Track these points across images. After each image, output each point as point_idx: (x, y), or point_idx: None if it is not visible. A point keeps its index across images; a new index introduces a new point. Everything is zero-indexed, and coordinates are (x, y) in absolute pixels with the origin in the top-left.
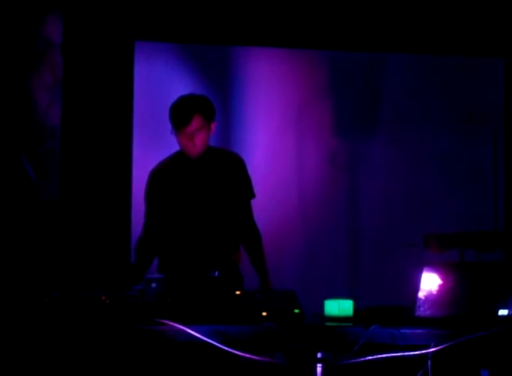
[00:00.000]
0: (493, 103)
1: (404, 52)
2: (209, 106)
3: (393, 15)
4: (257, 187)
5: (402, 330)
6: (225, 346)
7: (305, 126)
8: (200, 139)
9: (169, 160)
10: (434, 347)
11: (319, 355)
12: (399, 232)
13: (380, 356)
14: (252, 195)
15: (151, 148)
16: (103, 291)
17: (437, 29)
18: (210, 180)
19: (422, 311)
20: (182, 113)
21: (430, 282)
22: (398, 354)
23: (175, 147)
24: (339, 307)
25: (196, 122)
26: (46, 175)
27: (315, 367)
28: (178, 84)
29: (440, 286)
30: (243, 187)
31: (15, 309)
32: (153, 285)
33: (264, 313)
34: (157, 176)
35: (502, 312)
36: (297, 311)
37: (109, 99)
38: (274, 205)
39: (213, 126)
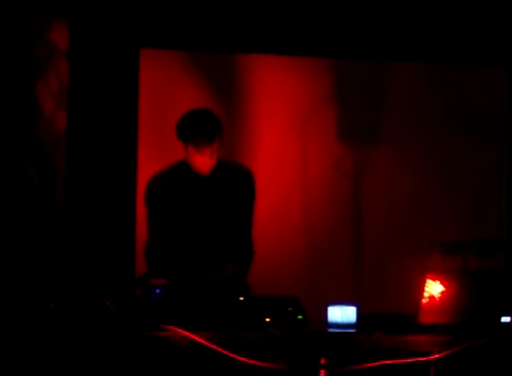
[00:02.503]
0: (496, 110)
1: (407, 61)
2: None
3: (397, 24)
4: (261, 194)
5: (405, 337)
6: (229, 352)
7: (310, 133)
8: (216, 156)
9: (173, 171)
10: (437, 354)
11: (322, 361)
12: (403, 238)
13: (383, 362)
14: (252, 209)
15: (156, 154)
16: (107, 295)
17: (439, 38)
18: (219, 197)
19: (425, 318)
20: (207, 132)
21: (433, 289)
22: (401, 360)
23: (180, 153)
24: (342, 313)
25: (218, 141)
26: (51, 180)
27: (319, 373)
28: (182, 91)
29: (443, 293)
30: (249, 203)
31: (19, 314)
32: (158, 290)
33: (267, 319)
34: (162, 187)
35: (505, 319)
36: (300, 317)
37: (114, 105)
38: (278, 212)
39: None
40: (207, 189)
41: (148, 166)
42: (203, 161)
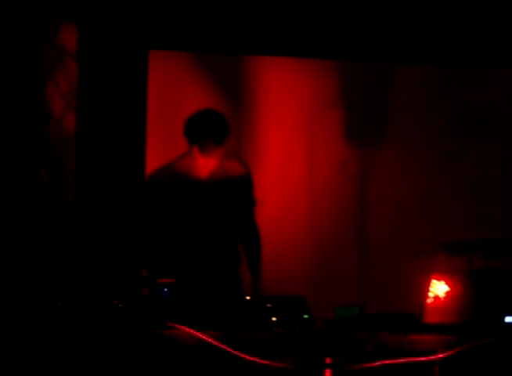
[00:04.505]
0: (500, 111)
1: (413, 63)
2: None
3: (402, 26)
4: (267, 195)
5: (410, 337)
6: (236, 351)
7: (316, 134)
8: (219, 159)
9: (174, 170)
10: (441, 353)
11: (327, 360)
12: (408, 239)
13: (388, 361)
14: (255, 202)
15: (164, 154)
16: (116, 294)
17: (445, 40)
18: (219, 193)
19: (430, 318)
20: (216, 137)
21: (438, 289)
22: (406, 360)
23: None
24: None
25: (224, 145)
26: (60, 180)
27: (324, 372)
28: (190, 92)
29: (448, 293)
30: (249, 197)
31: (28, 313)
32: (165, 289)
33: (273, 318)
34: (164, 185)
35: (510, 319)
36: (306, 316)
37: (123, 106)
38: (284, 212)
39: None
40: (206, 189)
41: (156, 167)
42: (205, 164)
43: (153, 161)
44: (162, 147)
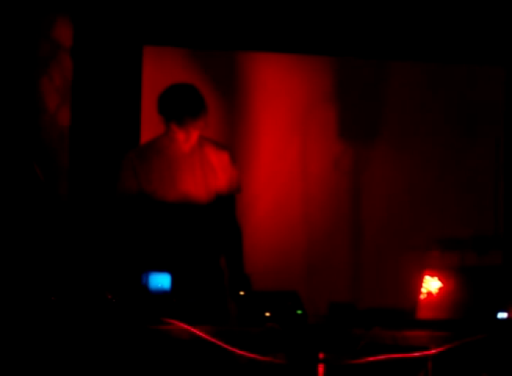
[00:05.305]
0: (494, 109)
1: (407, 60)
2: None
3: (397, 23)
4: (261, 190)
5: (403, 332)
6: (229, 346)
7: (310, 130)
8: (198, 133)
9: (153, 148)
10: (434, 349)
11: (320, 355)
12: (402, 235)
13: (381, 357)
14: (239, 190)
15: None
16: (110, 289)
17: (439, 37)
18: (199, 174)
19: (423, 313)
20: (193, 110)
21: (431, 285)
22: (399, 355)
23: None
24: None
25: (202, 118)
26: (55, 175)
27: (317, 368)
28: None
29: (441, 289)
30: (230, 182)
31: (22, 308)
32: (159, 284)
33: (267, 314)
34: (143, 164)
35: (502, 315)
36: (299, 312)
37: (117, 101)
38: (278, 208)
39: None
40: (187, 164)
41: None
42: (185, 138)
43: None
44: None
